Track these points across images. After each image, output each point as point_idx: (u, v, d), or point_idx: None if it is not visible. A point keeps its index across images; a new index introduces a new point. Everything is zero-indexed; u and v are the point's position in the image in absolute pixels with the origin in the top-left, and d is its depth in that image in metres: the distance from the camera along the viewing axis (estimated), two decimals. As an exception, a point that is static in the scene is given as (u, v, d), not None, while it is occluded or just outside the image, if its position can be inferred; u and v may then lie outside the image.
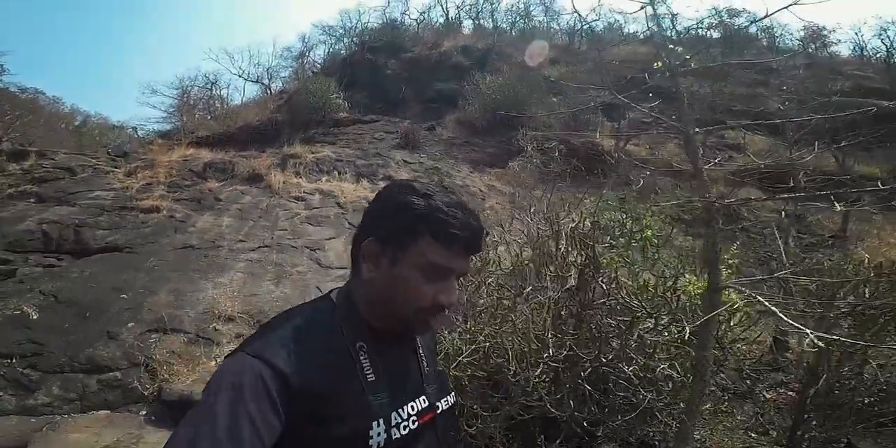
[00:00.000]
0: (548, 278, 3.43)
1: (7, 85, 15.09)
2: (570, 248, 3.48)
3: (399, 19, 17.82)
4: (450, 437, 0.88)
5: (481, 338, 2.95)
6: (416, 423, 0.77)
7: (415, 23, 18.15)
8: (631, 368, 2.85)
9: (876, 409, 2.95)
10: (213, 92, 16.49)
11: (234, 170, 7.22)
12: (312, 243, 5.65)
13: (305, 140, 9.73)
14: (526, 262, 3.72)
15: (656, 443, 3.11)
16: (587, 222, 4.03)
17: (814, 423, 3.02)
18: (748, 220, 11.37)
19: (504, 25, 19.79)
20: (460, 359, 2.82)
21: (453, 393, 0.92)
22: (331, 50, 17.47)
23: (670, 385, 3.01)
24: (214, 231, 5.77)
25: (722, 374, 3.89)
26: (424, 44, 13.51)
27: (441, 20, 19.29)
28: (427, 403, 0.82)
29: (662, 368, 2.89)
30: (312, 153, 7.90)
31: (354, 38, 16.21)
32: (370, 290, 0.77)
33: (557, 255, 3.55)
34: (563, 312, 3.12)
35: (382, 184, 7.60)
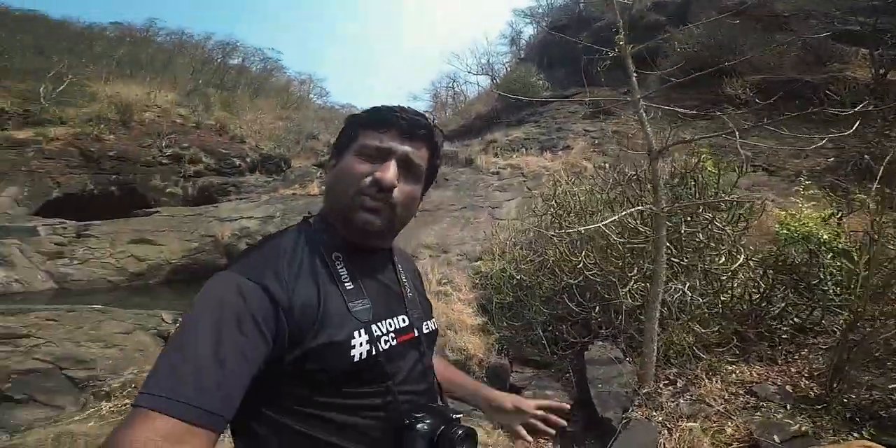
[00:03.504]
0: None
1: (332, 104, 22.07)
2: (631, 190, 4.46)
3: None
4: (430, 359, 0.86)
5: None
6: (395, 341, 0.76)
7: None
8: (630, 286, 3.83)
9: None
10: (455, 89, 20.17)
11: (457, 157, 9.88)
12: (495, 204, 7.71)
13: (518, 122, 11.70)
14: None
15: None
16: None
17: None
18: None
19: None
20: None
21: (434, 320, 0.92)
22: (537, 30, 18.58)
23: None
24: (439, 200, 8.51)
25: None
26: (611, 10, 13.31)
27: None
28: (406, 323, 0.81)
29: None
30: (506, 136, 9.86)
31: (545, 18, 16.91)
32: (326, 190, 0.83)
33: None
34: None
35: (562, 154, 9.00)
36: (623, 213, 3.04)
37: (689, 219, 4.19)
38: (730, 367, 3.46)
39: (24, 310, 4.95)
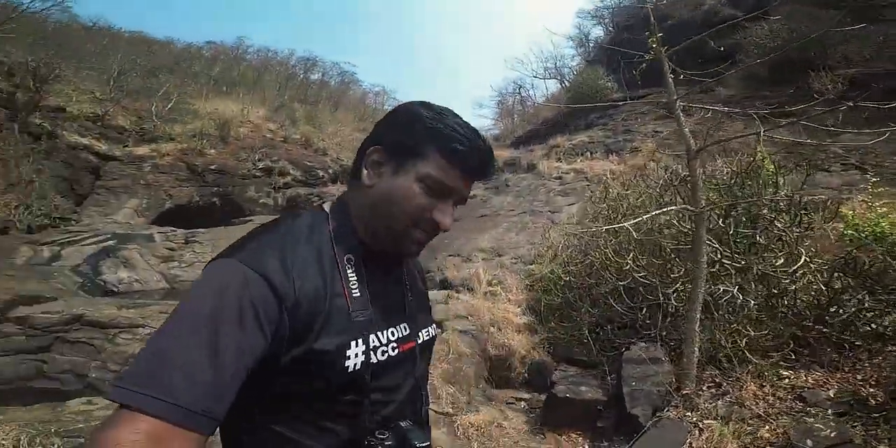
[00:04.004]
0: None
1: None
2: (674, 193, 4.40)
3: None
4: (425, 369, 0.86)
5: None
6: (396, 351, 0.75)
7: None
8: (675, 287, 3.78)
9: None
10: (521, 95, 20.11)
11: (519, 162, 10.00)
12: (555, 208, 7.74)
13: (587, 125, 11.54)
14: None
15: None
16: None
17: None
18: None
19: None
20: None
21: (434, 326, 0.91)
22: (607, 31, 17.92)
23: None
24: (500, 205, 8.69)
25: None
26: (685, 6, 12.65)
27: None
28: (408, 331, 0.79)
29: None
30: (569, 141, 9.76)
31: (613, 19, 16.25)
32: (367, 199, 0.74)
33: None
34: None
35: (629, 156, 8.78)
36: (649, 215, 3.08)
37: (744, 219, 4.05)
38: (784, 373, 3.31)
39: (141, 304, 5.88)
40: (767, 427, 2.66)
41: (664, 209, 3.18)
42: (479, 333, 3.92)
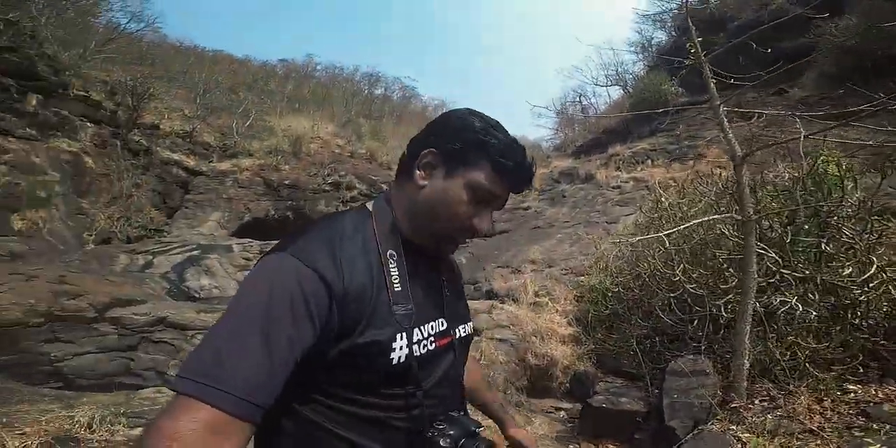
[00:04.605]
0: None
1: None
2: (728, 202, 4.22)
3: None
4: (463, 364, 0.87)
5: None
6: (434, 345, 0.77)
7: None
8: (726, 299, 3.60)
9: None
10: (582, 103, 19.63)
11: (577, 173, 9.86)
12: (612, 219, 7.56)
13: (651, 132, 11.14)
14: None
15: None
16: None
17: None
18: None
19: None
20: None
21: (471, 323, 0.93)
22: (670, 35, 17.04)
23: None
24: (554, 217, 8.63)
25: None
26: (751, 6, 11.83)
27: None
28: (444, 326, 0.81)
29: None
30: (629, 149, 9.46)
31: (674, 23, 15.44)
32: (416, 197, 0.78)
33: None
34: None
35: (693, 163, 8.39)
36: (687, 225, 3.01)
37: (806, 227, 3.80)
38: (850, 387, 3.07)
39: (218, 309, 6.45)
40: (818, 442, 2.48)
41: (705, 218, 3.10)
42: (519, 343, 3.94)
